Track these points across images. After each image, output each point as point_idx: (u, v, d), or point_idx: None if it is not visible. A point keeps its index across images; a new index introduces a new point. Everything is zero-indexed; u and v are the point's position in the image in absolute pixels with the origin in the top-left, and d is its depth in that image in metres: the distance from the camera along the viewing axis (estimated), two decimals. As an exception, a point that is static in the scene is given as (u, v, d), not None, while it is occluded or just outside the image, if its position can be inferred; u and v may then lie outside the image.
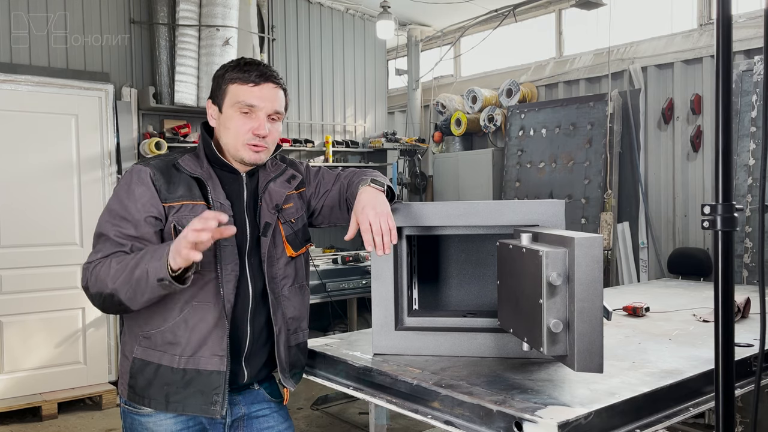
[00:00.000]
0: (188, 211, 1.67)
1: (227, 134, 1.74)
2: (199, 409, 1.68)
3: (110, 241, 1.65)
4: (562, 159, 5.80)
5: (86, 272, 1.64)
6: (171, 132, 5.38)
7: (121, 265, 1.57)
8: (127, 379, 1.72)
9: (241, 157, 1.74)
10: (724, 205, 1.25)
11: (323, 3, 6.73)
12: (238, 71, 1.72)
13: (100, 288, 1.59)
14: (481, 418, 1.48)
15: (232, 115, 1.72)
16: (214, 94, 1.77)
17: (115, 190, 1.72)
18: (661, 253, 5.38)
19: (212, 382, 1.67)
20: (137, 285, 1.54)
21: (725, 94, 1.25)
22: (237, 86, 1.71)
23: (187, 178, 1.71)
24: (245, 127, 1.71)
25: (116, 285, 1.56)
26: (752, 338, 2.04)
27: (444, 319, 2.01)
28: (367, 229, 1.62)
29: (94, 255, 1.66)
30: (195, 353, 1.67)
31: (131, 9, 5.34)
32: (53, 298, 4.82)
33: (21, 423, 4.52)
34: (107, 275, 1.58)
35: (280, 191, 1.81)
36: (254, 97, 1.71)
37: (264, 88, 1.72)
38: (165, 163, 1.73)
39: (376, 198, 1.69)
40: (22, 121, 4.71)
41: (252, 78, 1.71)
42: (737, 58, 4.84)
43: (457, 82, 7.52)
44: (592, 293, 1.37)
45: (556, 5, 6.43)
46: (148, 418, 1.72)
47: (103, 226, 1.68)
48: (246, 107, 1.71)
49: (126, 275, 1.55)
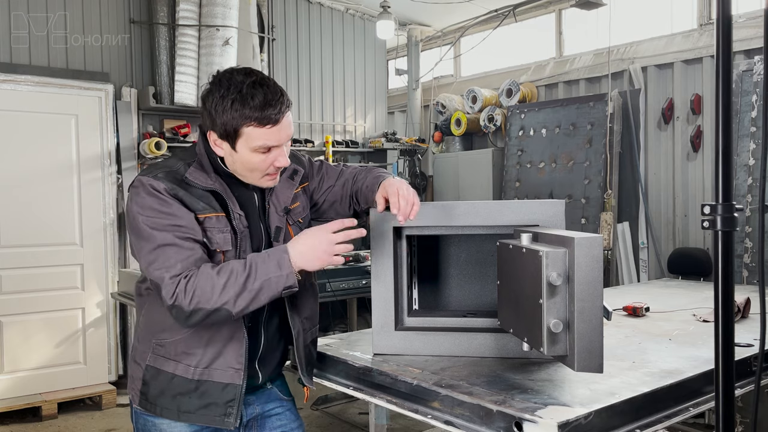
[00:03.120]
0: (212, 223, 1.62)
1: (244, 169, 1.65)
2: (212, 421, 1.67)
3: (176, 248, 1.54)
4: (562, 159, 5.80)
5: (172, 288, 1.51)
6: (171, 132, 5.38)
7: (224, 279, 1.51)
8: (140, 386, 1.70)
9: (259, 185, 1.71)
10: (724, 205, 1.25)
11: (323, 3, 6.73)
12: (254, 111, 1.54)
13: (200, 304, 1.51)
14: (481, 418, 1.48)
15: (251, 155, 1.60)
16: (223, 131, 1.59)
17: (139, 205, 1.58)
18: (661, 253, 5.38)
19: (227, 394, 1.66)
20: (256, 297, 1.52)
21: (725, 94, 1.25)
22: (254, 129, 1.56)
23: (199, 191, 1.63)
24: (265, 164, 1.63)
25: (227, 299, 1.51)
26: (752, 338, 2.04)
27: (444, 319, 2.01)
28: (395, 193, 1.67)
29: (169, 269, 1.52)
30: (210, 365, 1.65)
31: (131, 9, 5.34)
32: (53, 298, 4.82)
33: (21, 423, 4.52)
34: (210, 290, 1.50)
35: (286, 192, 1.80)
36: (274, 138, 1.59)
37: (280, 124, 1.59)
38: (173, 177, 1.62)
39: (404, 182, 1.74)
40: (22, 121, 4.71)
41: (271, 120, 1.56)
42: (737, 58, 4.84)
43: (457, 82, 7.52)
44: (592, 293, 1.37)
45: (556, 5, 6.43)
46: (161, 420, 1.71)
47: (160, 236, 1.54)
48: (266, 148, 1.60)
49: (238, 288, 1.51)
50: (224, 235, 1.63)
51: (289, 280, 1.53)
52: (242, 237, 1.66)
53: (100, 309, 5.04)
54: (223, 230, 1.63)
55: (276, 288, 1.53)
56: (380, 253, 1.90)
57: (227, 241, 1.63)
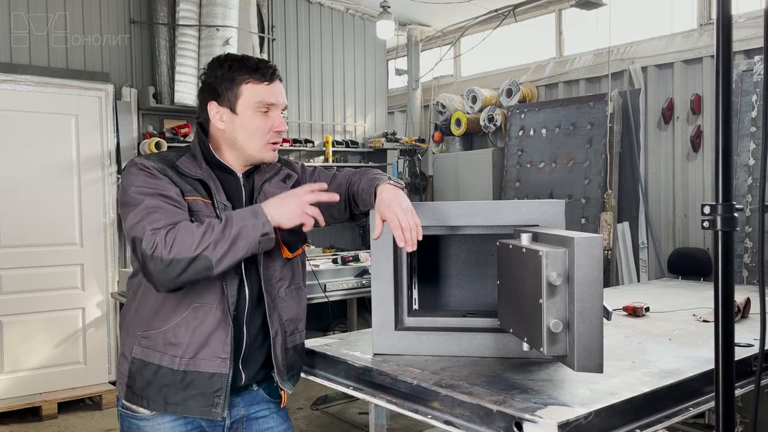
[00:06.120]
0: (199, 206, 1.66)
1: (247, 135, 1.71)
2: (199, 411, 1.67)
3: (162, 210, 1.57)
4: (562, 159, 5.80)
5: (152, 238, 1.53)
6: (171, 132, 5.38)
7: (203, 228, 1.54)
8: (126, 380, 1.70)
9: (262, 158, 1.75)
10: (724, 205, 1.25)
11: (323, 3, 6.74)
12: (250, 71, 1.70)
13: (180, 253, 1.51)
14: (481, 418, 1.48)
15: (252, 115, 1.70)
16: (222, 96, 1.71)
17: (130, 181, 1.63)
18: (661, 253, 5.38)
19: (213, 384, 1.66)
20: (234, 243, 1.53)
21: (725, 94, 1.25)
22: (253, 86, 1.70)
23: (189, 179, 1.69)
24: (266, 127, 1.72)
25: (206, 246, 1.52)
26: (752, 338, 2.04)
27: (444, 319, 2.01)
28: (397, 225, 1.64)
29: (153, 223, 1.55)
30: (196, 355, 1.65)
31: (131, 9, 5.34)
32: (53, 298, 4.82)
33: (21, 423, 4.52)
34: (190, 239, 1.52)
35: (276, 192, 1.79)
36: (271, 95, 1.72)
37: (275, 84, 1.74)
38: (165, 162, 1.69)
39: (398, 195, 1.70)
40: (22, 121, 4.71)
41: (267, 76, 1.71)
42: (737, 58, 4.84)
43: (457, 82, 7.52)
44: (592, 293, 1.37)
45: (556, 5, 6.43)
46: (145, 422, 1.70)
47: (147, 200, 1.59)
48: (265, 106, 1.71)
49: (216, 236, 1.53)
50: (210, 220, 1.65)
51: (265, 227, 1.56)
52: None
53: (100, 309, 5.04)
54: (210, 215, 1.66)
55: (253, 235, 1.55)
56: (380, 253, 1.90)
57: None
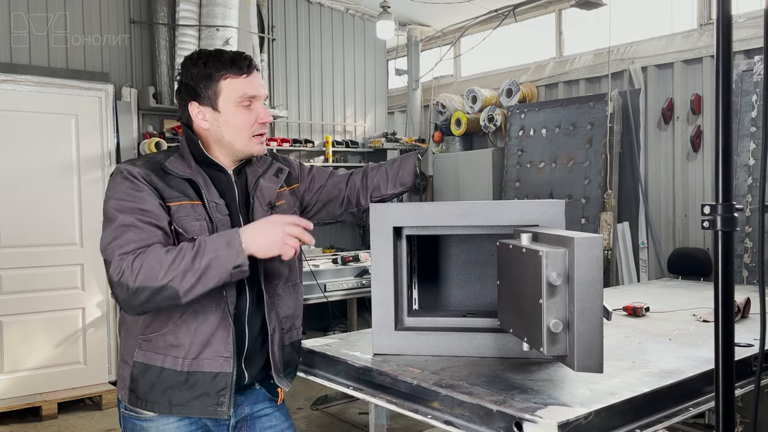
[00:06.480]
0: (187, 211, 1.64)
1: (232, 131, 1.71)
2: (205, 411, 1.66)
3: (135, 229, 1.54)
4: (562, 159, 5.80)
5: (120, 264, 1.50)
6: (171, 132, 5.38)
7: (172, 256, 1.49)
8: (128, 384, 1.69)
9: (250, 151, 1.74)
10: (724, 205, 1.25)
11: (323, 3, 6.73)
12: (226, 65, 1.68)
13: (146, 281, 1.48)
14: (481, 418, 1.48)
15: (235, 111, 1.69)
16: (200, 95, 1.69)
17: (114, 190, 1.62)
18: (661, 253, 5.38)
19: (217, 383, 1.65)
20: (204, 274, 1.49)
21: (725, 94, 1.25)
22: (231, 80, 1.68)
23: (178, 180, 1.67)
24: (251, 120, 1.71)
25: (173, 276, 1.48)
26: (752, 338, 2.04)
27: (444, 319, 2.01)
28: None
29: (122, 247, 1.52)
30: (198, 355, 1.65)
31: (131, 9, 5.34)
32: (53, 298, 4.82)
33: (21, 423, 4.52)
34: (158, 267, 1.48)
35: (271, 187, 1.81)
36: (252, 87, 1.70)
37: (254, 75, 1.72)
38: (152, 164, 1.67)
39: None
40: (22, 121, 4.71)
41: (244, 69, 1.69)
42: (737, 58, 4.84)
43: (457, 82, 7.52)
44: (592, 293, 1.37)
45: (556, 5, 6.43)
46: (150, 423, 1.69)
47: (122, 217, 1.56)
48: (247, 99, 1.70)
49: (185, 265, 1.48)
50: (200, 222, 1.64)
51: (239, 259, 1.50)
52: (220, 225, 1.67)
53: (100, 309, 5.04)
54: (198, 218, 1.64)
55: (225, 266, 1.50)
56: (380, 253, 1.90)
57: (203, 229, 1.64)
